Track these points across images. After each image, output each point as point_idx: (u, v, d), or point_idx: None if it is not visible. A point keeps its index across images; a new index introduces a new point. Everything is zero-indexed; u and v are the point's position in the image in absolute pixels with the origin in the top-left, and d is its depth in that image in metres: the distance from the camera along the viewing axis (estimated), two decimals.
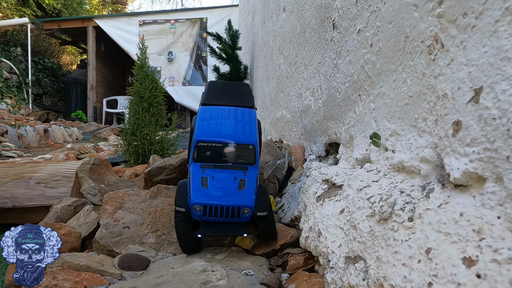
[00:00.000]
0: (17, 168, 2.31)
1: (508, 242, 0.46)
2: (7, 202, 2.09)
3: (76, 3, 11.65)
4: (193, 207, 1.13)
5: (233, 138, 1.22)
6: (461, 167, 0.58)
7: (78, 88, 10.45)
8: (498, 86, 0.53)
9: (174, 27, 10.03)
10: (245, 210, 1.14)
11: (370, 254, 0.69)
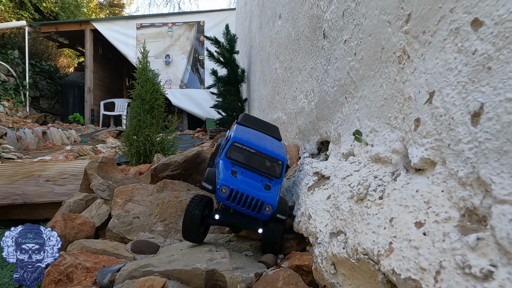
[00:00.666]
0: (26, 167, 2.45)
1: (446, 208, 0.62)
2: (18, 198, 2.23)
3: (73, 6, 11.80)
4: (220, 188, 1.14)
5: (266, 150, 1.27)
6: (419, 155, 0.74)
7: (76, 91, 10.57)
8: (444, 90, 0.69)
9: (171, 30, 10.20)
10: (267, 207, 1.15)
11: (349, 228, 0.84)
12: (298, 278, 0.98)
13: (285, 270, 1.02)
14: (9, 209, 2.23)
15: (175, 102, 9.69)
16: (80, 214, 1.57)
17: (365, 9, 1.11)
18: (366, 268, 0.74)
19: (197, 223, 1.18)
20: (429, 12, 0.76)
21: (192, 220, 1.18)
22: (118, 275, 1.04)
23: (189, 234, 1.21)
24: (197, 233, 1.21)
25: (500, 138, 0.52)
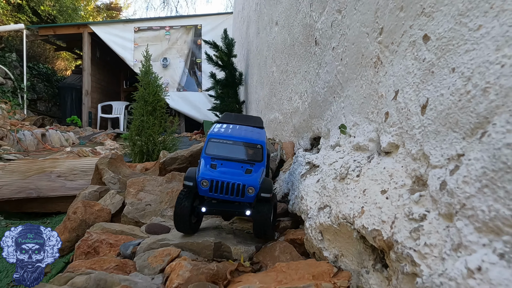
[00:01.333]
0: (38, 164, 2.64)
1: (403, 178, 0.82)
2: (32, 192, 2.41)
3: (71, 10, 12.00)
4: (201, 182, 1.22)
5: (243, 138, 1.34)
6: (387, 140, 0.94)
7: (73, 94, 10.74)
8: (405, 89, 0.89)
9: (169, 34, 10.40)
10: (250, 189, 1.21)
11: (333, 202, 1.04)
12: (292, 248, 1.19)
13: (281, 243, 1.23)
14: (23, 202, 2.41)
15: (173, 105, 9.86)
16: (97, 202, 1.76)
17: (349, 21, 1.32)
18: (345, 230, 0.94)
19: (187, 214, 1.24)
20: (396, 27, 0.97)
21: (182, 212, 1.24)
22: (139, 247, 1.24)
23: (180, 225, 1.27)
24: (189, 223, 1.27)
25: (436, 122, 0.72)
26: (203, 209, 1.28)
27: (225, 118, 1.56)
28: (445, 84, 0.71)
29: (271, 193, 1.24)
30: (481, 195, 0.54)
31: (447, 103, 0.69)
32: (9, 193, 2.37)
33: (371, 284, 0.82)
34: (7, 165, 2.69)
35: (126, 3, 18.12)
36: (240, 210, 1.27)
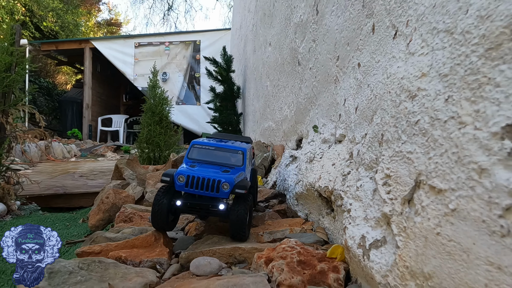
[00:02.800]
0: (62, 166, 3.11)
1: (344, 154, 1.30)
2: (59, 189, 2.88)
3: (72, 25, 12.64)
4: (177, 177, 1.29)
5: (225, 146, 1.47)
6: (339, 133, 1.43)
7: (74, 107, 11.24)
8: (348, 98, 1.38)
9: (168, 49, 10.99)
10: (225, 184, 1.28)
11: (304, 177, 1.53)
12: (277, 215, 1.66)
13: (269, 213, 1.70)
14: (51, 198, 2.88)
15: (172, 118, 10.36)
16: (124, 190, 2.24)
17: (320, 49, 1.82)
18: (310, 193, 1.42)
19: (164, 211, 1.31)
20: (345, 56, 1.47)
21: (160, 209, 1.31)
22: None
23: (158, 222, 1.34)
24: (166, 221, 1.33)
25: (360, 117, 1.21)
26: (178, 203, 1.33)
27: (214, 135, 1.72)
28: (364, 94, 1.21)
29: (246, 189, 1.32)
30: (369, 152, 1.02)
31: (364, 105, 1.18)
32: (39, 190, 2.83)
33: (325, 223, 1.30)
34: (36, 167, 3.15)
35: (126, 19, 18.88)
36: (213, 204, 1.33)
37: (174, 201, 1.33)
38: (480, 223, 0.55)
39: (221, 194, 1.29)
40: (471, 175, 0.58)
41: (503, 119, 0.54)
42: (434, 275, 0.63)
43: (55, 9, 11.94)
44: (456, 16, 0.71)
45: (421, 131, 0.75)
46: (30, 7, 11.02)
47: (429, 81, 0.76)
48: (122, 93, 12.82)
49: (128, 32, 18.52)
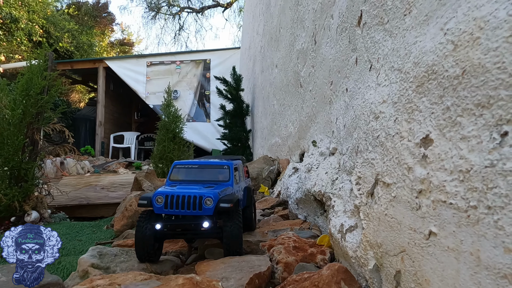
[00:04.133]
0: (86, 179, 3.43)
1: (335, 164, 1.59)
2: (83, 200, 3.19)
3: (87, 46, 13.27)
4: (156, 199, 1.21)
5: (210, 162, 1.43)
6: (332, 146, 1.72)
7: (87, 124, 11.71)
8: (340, 117, 1.67)
9: (179, 68, 11.46)
10: (207, 200, 1.19)
11: (303, 184, 1.81)
12: (280, 219, 1.94)
13: (274, 217, 1.98)
14: (75, 208, 3.18)
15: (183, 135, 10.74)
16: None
17: (318, 74, 2.13)
18: (308, 198, 1.70)
19: (150, 238, 1.22)
20: (337, 82, 1.77)
21: (144, 236, 1.22)
22: None
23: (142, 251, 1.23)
24: (151, 249, 1.24)
25: (346, 132, 1.50)
26: (158, 226, 1.23)
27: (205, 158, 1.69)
28: (349, 114, 1.49)
29: (232, 203, 1.24)
30: (350, 160, 1.30)
31: (349, 123, 1.47)
32: (65, 201, 3.15)
33: (319, 222, 1.58)
34: (61, 180, 3.48)
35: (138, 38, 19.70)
36: (196, 222, 1.23)
37: (153, 225, 1.23)
38: (407, 203, 0.82)
39: (204, 212, 1.20)
40: (404, 172, 0.86)
41: (421, 134, 0.82)
42: (383, 243, 0.90)
43: (70, 30, 12.58)
44: (404, 60, 1.01)
45: (380, 143, 1.03)
46: (47, 29, 11.64)
47: (386, 106, 1.05)
48: (134, 111, 13.31)
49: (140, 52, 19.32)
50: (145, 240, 1.22)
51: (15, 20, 10.52)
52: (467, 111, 0.68)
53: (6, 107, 2.63)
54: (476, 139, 0.65)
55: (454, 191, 0.67)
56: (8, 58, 10.70)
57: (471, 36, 0.71)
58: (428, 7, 0.90)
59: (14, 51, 10.89)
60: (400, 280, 0.82)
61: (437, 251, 0.70)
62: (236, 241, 1.24)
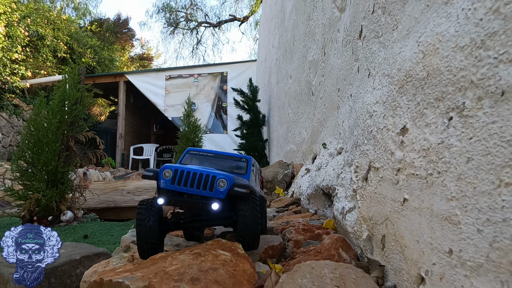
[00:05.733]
0: (113, 184, 3.71)
1: (341, 162, 1.80)
2: (110, 203, 3.46)
3: (108, 61, 13.85)
4: (163, 172, 1.10)
5: (226, 153, 1.39)
6: (339, 146, 1.93)
7: (108, 137, 12.18)
8: (345, 120, 1.89)
9: (197, 81, 11.86)
10: (221, 181, 1.08)
11: (314, 181, 2.02)
12: (293, 213, 2.15)
13: (287, 212, 2.19)
14: (103, 211, 3.46)
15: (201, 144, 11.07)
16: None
17: (327, 82, 2.35)
18: (317, 192, 1.91)
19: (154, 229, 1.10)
20: (343, 88, 1.99)
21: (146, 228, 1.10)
22: None
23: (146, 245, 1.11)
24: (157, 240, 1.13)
25: (350, 133, 1.72)
26: (160, 201, 1.12)
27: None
28: (352, 117, 1.71)
29: (248, 188, 1.12)
30: (351, 155, 1.52)
31: (352, 124, 1.68)
32: (94, 204, 3.43)
33: (327, 214, 1.79)
34: (90, 185, 3.77)
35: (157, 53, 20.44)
36: (204, 201, 1.11)
37: (155, 200, 1.13)
38: (389, 180, 1.04)
39: (215, 193, 1.09)
40: (388, 157, 1.08)
41: (401, 125, 1.04)
42: (373, 216, 1.11)
43: (93, 46, 13.19)
44: (392, 67, 1.23)
45: (372, 136, 1.25)
46: (71, 45, 12.25)
47: (378, 106, 1.27)
48: (153, 123, 13.75)
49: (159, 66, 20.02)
50: (148, 233, 1.09)
51: (42, 37, 11.14)
52: (430, 104, 0.90)
53: (45, 117, 2.94)
54: (434, 125, 0.86)
55: (419, 165, 0.89)
56: (34, 74, 11.29)
57: (434, 47, 0.93)
58: (409, 24, 1.13)
59: (40, 67, 11.49)
60: (385, 242, 1.03)
61: (408, 212, 0.91)
62: (253, 227, 1.10)
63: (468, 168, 0.70)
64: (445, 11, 0.91)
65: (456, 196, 0.72)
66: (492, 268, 0.61)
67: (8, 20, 9.19)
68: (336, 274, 0.91)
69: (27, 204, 2.75)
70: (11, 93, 10.05)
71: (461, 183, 0.71)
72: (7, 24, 9.19)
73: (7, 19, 9.14)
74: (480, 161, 0.67)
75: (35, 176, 2.84)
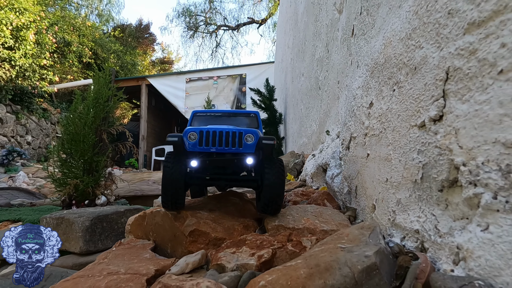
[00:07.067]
0: (139, 175, 4.12)
1: (339, 144, 2.13)
2: (138, 192, 3.87)
3: (130, 65, 14.51)
4: (188, 135, 1.09)
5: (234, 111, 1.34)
6: (338, 131, 2.26)
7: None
8: (342, 107, 2.22)
9: (216, 83, 12.31)
10: (249, 136, 1.09)
11: (316, 162, 2.35)
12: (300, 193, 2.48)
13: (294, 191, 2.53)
14: (131, 199, 3.86)
15: None
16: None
17: (330, 76, 2.68)
18: (318, 170, 2.24)
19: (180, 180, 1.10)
20: (341, 80, 2.32)
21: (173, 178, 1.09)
22: None
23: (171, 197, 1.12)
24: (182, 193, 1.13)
25: (344, 117, 2.04)
26: (194, 163, 1.12)
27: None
28: (346, 102, 2.04)
29: (275, 140, 1.16)
30: (342, 132, 1.84)
31: (345, 108, 2.01)
32: (123, 193, 3.84)
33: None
34: (118, 177, 4.20)
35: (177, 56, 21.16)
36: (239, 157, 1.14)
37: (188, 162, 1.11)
38: (360, 144, 1.37)
39: (245, 148, 1.10)
40: (360, 126, 1.41)
41: (369, 101, 1.37)
42: (351, 174, 1.44)
43: (116, 51, 13.86)
44: (369, 58, 1.55)
45: (354, 113, 1.58)
46: (95, 51, 12.93)
47: (359, 90, 1.60)
48: (174, 125, 14.29)
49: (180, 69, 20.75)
50: (174, 183, 1.09)
51: (68, 44, 11.83)
52: (385, 82, 1.23)
53: (81, 112, 3.37)
54: (386, 97, 1.19)
55: (376, 127, 1.22)
56: (61, 79, 11.99)
57: (389, 40, 1.26)
58: (380, 23, 1.46)
59: (66, 72, 12.19)
60: (357, 191, 1.36)
61: (369, 163, 1.24)
62: (278, 191, 1.12)
63: (398, 121, 1.03)
64: (398, 13, 1.24)
65: (391, 142, 1.05)
66: (404, 182, 0.94)
67: (38, 28, 9.86)
68: (317, 211, 1.25)
69: (67, 189, 3.18)
70: (40, 97, 10.73)
71: (394, 133, 1.04)
72: (36, 31, 9.86)
73: (37, 27, 9.81)
74: (403, 114, 1.00)
75: (73, 165, 3.27)
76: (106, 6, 17.13)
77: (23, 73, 9.37)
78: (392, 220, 0.98)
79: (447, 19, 0.82)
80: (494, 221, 0.61)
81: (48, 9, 12.05)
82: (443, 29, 0.84)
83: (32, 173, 8.30)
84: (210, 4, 19.02)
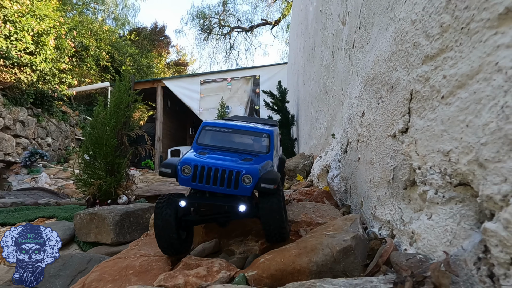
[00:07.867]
0: (157, 176, 4.38)
1: (338, 148, 2.33)
2: (156, 192, 4.13)
3: (146, 67, 14.92)
4: (182, 169, 1.04)
5: (246, 127, 1.24)
6: (342, 134, 2.46)
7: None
8: (345, 113, 2.42)
9: (230, 85, 12.56)
10: (246, 177, 1.02)
11: (321, 163, 2.56)
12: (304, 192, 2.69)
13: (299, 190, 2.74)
14: (150, 198, 4.13)
15: None
16: None
17: (336, 83, 2.88)
18: (323, 171, 2.45)
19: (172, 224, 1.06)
20: (345, 88, 2.51)
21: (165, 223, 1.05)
22: None
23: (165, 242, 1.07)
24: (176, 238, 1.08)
25: (347, 124, 2.24)
26: (182, 203, 1.08)
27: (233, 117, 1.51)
28: (347, 113, 2.24)
29: (276, 184, 1.07)
30: (342, 137, 2.05)
31: (347, 114, 2.21)
32: (142, 193, 4.11)
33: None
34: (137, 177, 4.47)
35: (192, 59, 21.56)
36: (231, 204, 1.07)
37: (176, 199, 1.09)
38: (354, 148, 1.57)
39: (241, 191, 1.04)
40: (355, 133, 1.61)
41: (362, 111, 1.57)
42: (347, 175, 1.65)
43: (132, 54, 14.27)
44: (364, 71, 1.75)
45: (351, 120, 1.78)
46: (112, 54, 13.35)
47: (355, 99, 1.80)
48: (189, 127, 14.62)
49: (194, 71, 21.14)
50: (166, 228, 1.05)
51: (86, 48, 12.26)
52: (373, 95, 1.43)
53: (104, 118, 3.65)
54: (374, 109, 1.39)
55: (365, 135, 1.42)
56: (79, 82, 12.42)
57: (378, 58, 1.46)
58: (373, 40, 1.66)
59: (84, 75, 12.63)
60: (351, 190, 1.56)
61: (360, 166, 1.44)
62: (279, 220, 1.06)
63: (379, 130, 1.23)
64: (385, 35, 1.44)
65: (374, 148, 1.26)
66: (382, 182, 1.14)
67: (57, 33, 10.27)
68: (314, 207, 1.46)
69: (91, 189, 3.45)
70: (59, 100, 11.16)
71: (376, 140, 1.25)
72: (56, 37, 10.28)
73: (56, 32, 10.22)
74: (383, 125, 1.20)
75: (97, 166, 3.54)
76: (122, 10, 17.62)
77: (43, 77, 9.78)
78: (373, 213, 1.18)
79: (413, 49, 1.02)
80: (435, 211, 0.81)
81: (66, 15, 12.51)
82: (410, 57, 1.04)
83: (53, 174, 8.69)
84: (224, 6, 19.34)
